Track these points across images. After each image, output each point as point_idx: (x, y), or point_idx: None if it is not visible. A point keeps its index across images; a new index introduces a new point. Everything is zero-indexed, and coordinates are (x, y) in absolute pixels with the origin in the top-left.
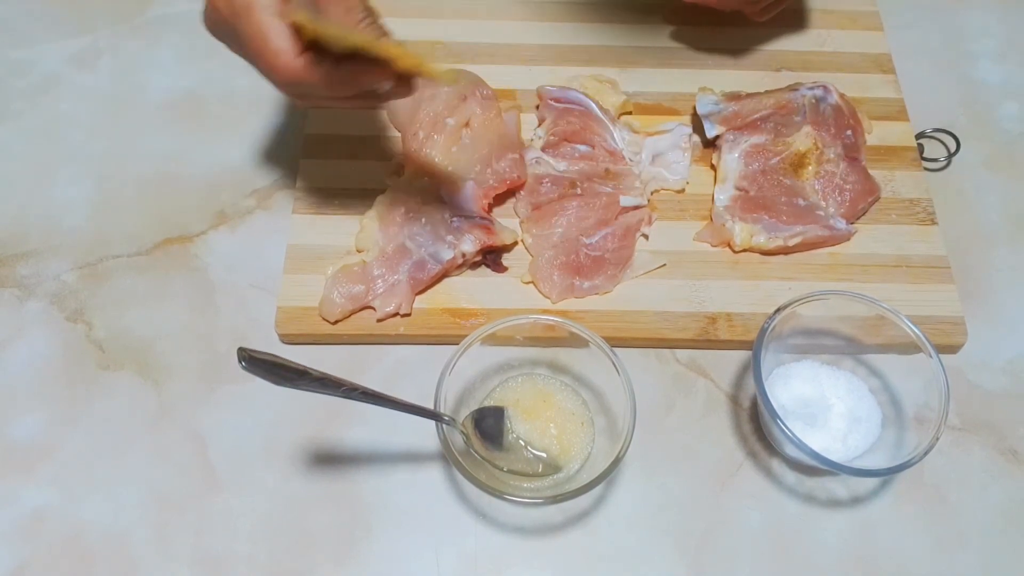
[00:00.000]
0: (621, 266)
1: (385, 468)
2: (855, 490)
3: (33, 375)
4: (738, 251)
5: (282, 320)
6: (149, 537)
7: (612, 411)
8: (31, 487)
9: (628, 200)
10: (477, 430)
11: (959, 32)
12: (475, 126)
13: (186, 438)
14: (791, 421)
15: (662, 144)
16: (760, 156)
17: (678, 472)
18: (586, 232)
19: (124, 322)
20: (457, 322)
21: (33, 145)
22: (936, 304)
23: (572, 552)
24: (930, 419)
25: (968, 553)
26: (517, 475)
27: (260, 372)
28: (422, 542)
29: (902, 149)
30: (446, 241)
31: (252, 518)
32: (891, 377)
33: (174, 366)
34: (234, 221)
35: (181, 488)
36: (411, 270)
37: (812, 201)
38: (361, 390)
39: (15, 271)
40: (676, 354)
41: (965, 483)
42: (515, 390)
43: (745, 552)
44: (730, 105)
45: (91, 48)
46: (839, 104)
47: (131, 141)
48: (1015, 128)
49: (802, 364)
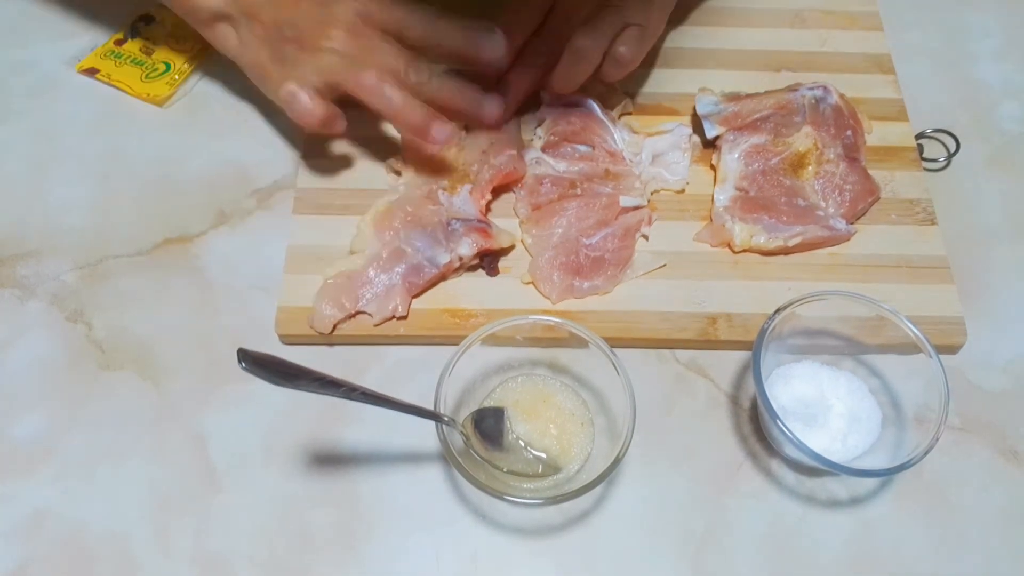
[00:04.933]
0: (621, 266)
1: (385, 468)
2: (855, 490)
3: (33, 375)
4: (738, 251)
5: (282, 320)
6: (149, 537)
7: (612, 411)
8: (31, 487)
9: (628, 200)
10: (477, 430)
11: (959, 32)
12: (475, 127)
13: (186, 438)
14: (791, 421)
15: (662, 144)
16: (760, 156)
17: (678, 472)
18: (586, 232)
19: (124, 322)
20: (457, 322)
21: (33, 145)
22: (936, 304)
23: (572, 552)
24: (930, 419)
25: (968, 553)
26: (517, 475)
27: (260, 373)
28: (422, 542)
29: (902, 149)
30: (443, 245)
31: (252, 518)
32: (891, 377)
33: (174, 366)
34: (234, 221)
35: (181, 488)
36: (406, 274)
37: (812, 201)
38: (361, 390)
39: (15, 271)
40: (676, 354)
41: (965, 483)
42: (515, 390)
43: (745, 552)
44: (730, 105)
45: (90, 47)
46: (839, 104)
47: (131, 141)
48: (1015, 128)
49: (802, 364)
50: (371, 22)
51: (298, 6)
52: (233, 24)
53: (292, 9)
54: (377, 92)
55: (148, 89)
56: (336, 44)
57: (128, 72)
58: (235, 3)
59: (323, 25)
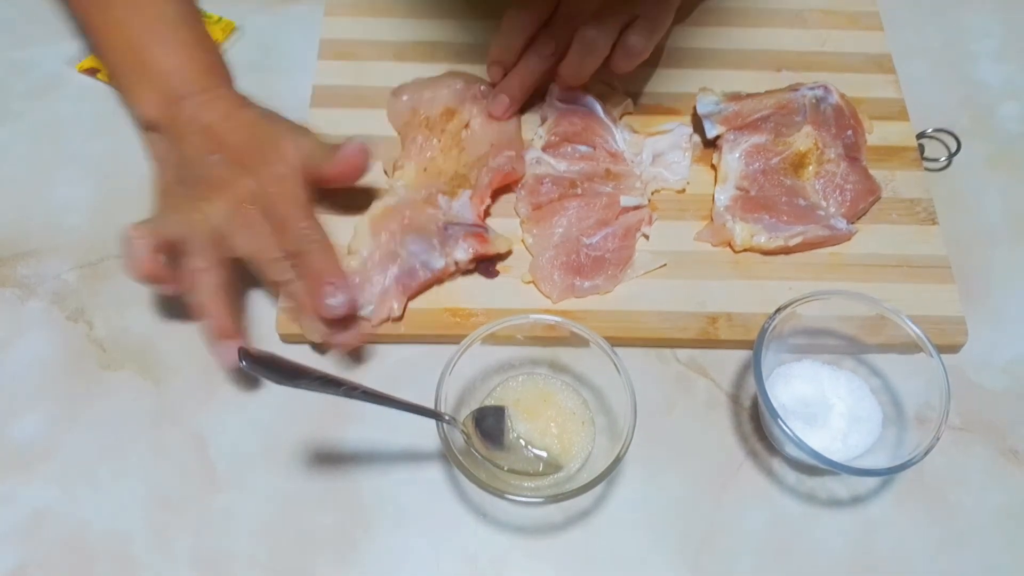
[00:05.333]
0: (621, 266)
1: (385, 467)
2: (856, 490)
3: (34, 375)
4: (739, 251)
5: (283, 320)
6: (149, 537)
7: (613, 410)
8: (31, 487)
9: (628, 200)
10: (478, 429)
11: (959, 32)
12: (475, 127)
13: (186, 438)
14: (792, 421)
15: (663, 144)
16: (761, 156)
17: (679, 471)
18: (586, 232)
19: (125, 322)
20: (458, 321)
21: (33, 145)
22: (937, 304)
23: (573, 551)
24: (931, 419)
25: (968, 553)
26: (518, 474)
27: (261, 372)
28: (422, 541)
29: (903, 149)
30: (438, 249)
31: (252, 518)
32: (892, 377)
33: (175, 366)
34: None
35: (181, 488)
36: (400, 276)
37: (813, 201)
38: (362, 389)
39: (15, 271)
40: (677, 354)
41: (965, 483)
42: (516, 389)
43: (746, 551)
44: (730, 105)
45: (91, 49)
46: (839, 104)
47: (131, 141)
48: (1015, 128)
49: (803, 364)
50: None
51: (220, 148)
52: (164, 136)
53: (214, 147)
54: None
55: None
56: (214, 210)
57: None
58: (171, 119)
59: (223, 185)
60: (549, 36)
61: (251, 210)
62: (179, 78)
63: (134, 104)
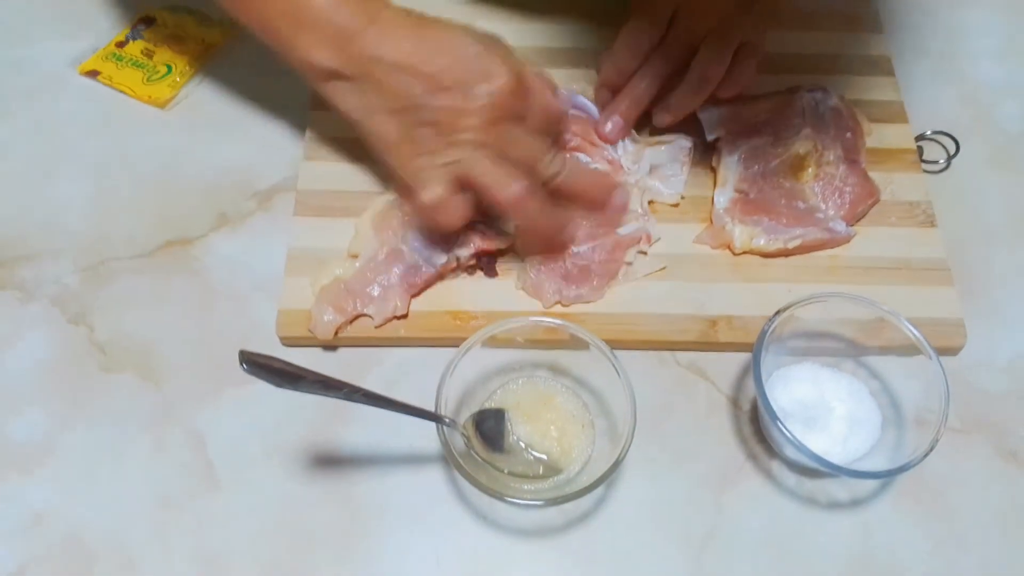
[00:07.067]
0: (607, 278)
1: (386, 470)
2: (855, 492)
3: (34, 377)
4: (738, 253)
5: (283, 323)
6: (149, 537)
7: (613, 413)
8: (31, 487)
9: (626, 230)
10: (478, 432)
11: (959, 32)
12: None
13: (187, 440)
14: (791, 423)
15: (661, 156)
16: (760, 158)
17: (678, 474)
18: (576, 241)
19: (125, 324)
20: (458, 324)
21: (34, 147)
22: (936, 306)
23: (573, 554)
24: (930, 421)
25: (968, 554)
26: (518, 477)
27: (261, 374)
28: (423, 543)
29: (901, 151)
30: (440, 245)
31: (252, 519)
32: (891, 379)
33: (175, 368)
34: (235, 223)
35: (181, 488)
36: (404, 274)
37: (812, 204)
38: (362, 392)
39: (16, 273)
40: (676, 356)
41: (965, 485)
42: (516, 392)
43: (745, 554)
44: (730, 107)
45: (91, 48)
46: (838, 106)
47: (132, 143)
48: (1015, 128)
49: (802, 366)
50: (504, 109)
51: (427, 82)
52: (352, 84)
53: (421, 84)
54: (520, 208)
55: (150, 92)
56: (472, 136)
57: (130, 75)
58: (353, 63)
59: (459, 114)
60: (665, 58)
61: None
62: (340, 13)
63: (303, 57)
